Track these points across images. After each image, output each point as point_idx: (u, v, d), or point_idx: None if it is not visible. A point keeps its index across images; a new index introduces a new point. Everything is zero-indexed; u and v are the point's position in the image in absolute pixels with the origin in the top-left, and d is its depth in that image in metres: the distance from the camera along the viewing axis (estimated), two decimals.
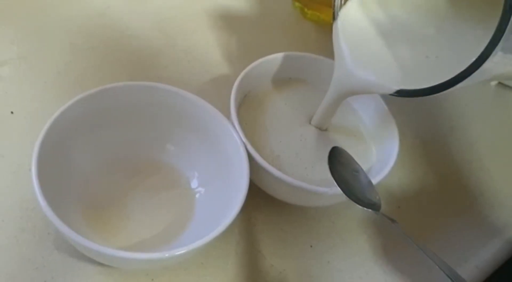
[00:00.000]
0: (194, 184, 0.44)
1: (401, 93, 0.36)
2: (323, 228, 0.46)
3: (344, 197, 0.43)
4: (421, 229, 0.48)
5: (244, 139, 0.40)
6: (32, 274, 0.37)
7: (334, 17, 0.41)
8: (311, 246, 0.44)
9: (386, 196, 0.50)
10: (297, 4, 0.68)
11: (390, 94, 0.37)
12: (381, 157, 0.45)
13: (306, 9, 0.67)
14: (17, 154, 0.43)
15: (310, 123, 0.47)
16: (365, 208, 0.38)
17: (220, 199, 0.40)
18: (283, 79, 0.50)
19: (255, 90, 0.48)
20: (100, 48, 0.54)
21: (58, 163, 0.38)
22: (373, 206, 0.38)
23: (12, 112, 0.46)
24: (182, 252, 0.34)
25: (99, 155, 0.42)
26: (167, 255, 0.33)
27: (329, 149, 0.44)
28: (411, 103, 0.61)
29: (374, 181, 0.41)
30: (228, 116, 0.42)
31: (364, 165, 0.44)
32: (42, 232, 0.39)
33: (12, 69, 0.50)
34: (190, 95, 0.43)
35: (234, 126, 0.41)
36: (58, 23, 0.56)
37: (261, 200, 0.45)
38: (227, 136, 0.41)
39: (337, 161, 0.40)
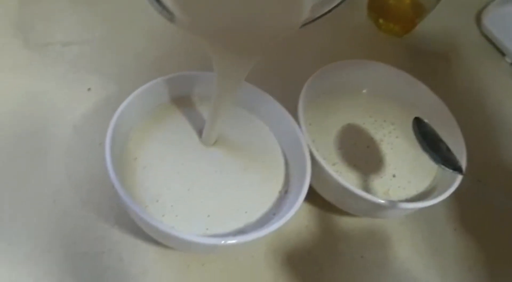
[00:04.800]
0: None
1: None
2: (376, 240, 0.45)
3: (402, 211, 0.42)
4: (478, 253, 0.47)
5: (309, 141, 0.41)
6: (91, 243, 0.39)
7: None
8: (362, 256, 0.44)
9: (444, 214, 0.49)
10: (372, 14, 0.68)
11: None
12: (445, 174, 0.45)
13: (381, 20, 0.67)
14: (90, 128, 0.45)
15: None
16: (451, 170, 0.40)
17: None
18: (353, 87, 0.50)
19: (324, 94, 0.48)
20: (178, 36, 0.55)
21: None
22: (457, 169, 0.40)
23: (89, 89, 0.48)
24: (234, 242, 0.34)
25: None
26: (222, 242, 0.34)
27: (390, 164, 0.44)
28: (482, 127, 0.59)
29: (440, 198, 0.40)
30: (295, 116, 0.42)
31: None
32: (106, 205, 0.41)
33: (94, 48, 0.52)
34: (260, 92, 0.43)
35: (300, 126, 0.41)
36: (140, 7, 0.58)
37: (317, 203, 0.45)
38: (291, 136, 0.42)
39: (420, 130, 0.42)
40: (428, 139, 0.41)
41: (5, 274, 0.36)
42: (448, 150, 0.41)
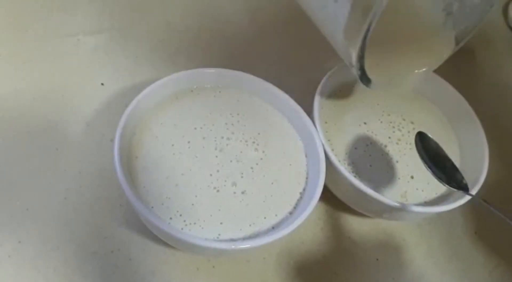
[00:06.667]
0: None
1: None
2: (392, 243, 0.44)
3: (419, 215, 0.41)
4: (500, 257, 0.45)
5: (323, 140, 0.39)
6: (101, 242, 0.38)
7: None
8: (377, 260, 0.42)
9: (465, 217, 0.47)
10: None
11: None
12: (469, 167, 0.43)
13: None
14: (102, 124, 0.45)
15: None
16: (455, 189, 0.38)
17: None
18: None
19: (341, 91, 0.47)
20: (194, 31, 0.54)
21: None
22: (463, 188, 0.38)
23: (102, 84, 0.48)
24: (247, 246, 0.33)
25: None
26: (233, 246, 0.33)
27: (408, 165, 0.43)
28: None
29: (459, 203, 0.39)
30: (309, 114, 0.41)
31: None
32: (116, 203, 0.40)
33: (108, 40, 0.52)
34: (275, 89, 0.42)
35: (315, 124, 0.40)
36: (157, 0, 0.57)
37: (333, 204, 0.44)
38: (307, 134, 0.41)
39: (424, 146, 0.40)
40: (432, 156, 0.40)
41: (15, 270, 0.36)
42: (454, 166, 0.39)
